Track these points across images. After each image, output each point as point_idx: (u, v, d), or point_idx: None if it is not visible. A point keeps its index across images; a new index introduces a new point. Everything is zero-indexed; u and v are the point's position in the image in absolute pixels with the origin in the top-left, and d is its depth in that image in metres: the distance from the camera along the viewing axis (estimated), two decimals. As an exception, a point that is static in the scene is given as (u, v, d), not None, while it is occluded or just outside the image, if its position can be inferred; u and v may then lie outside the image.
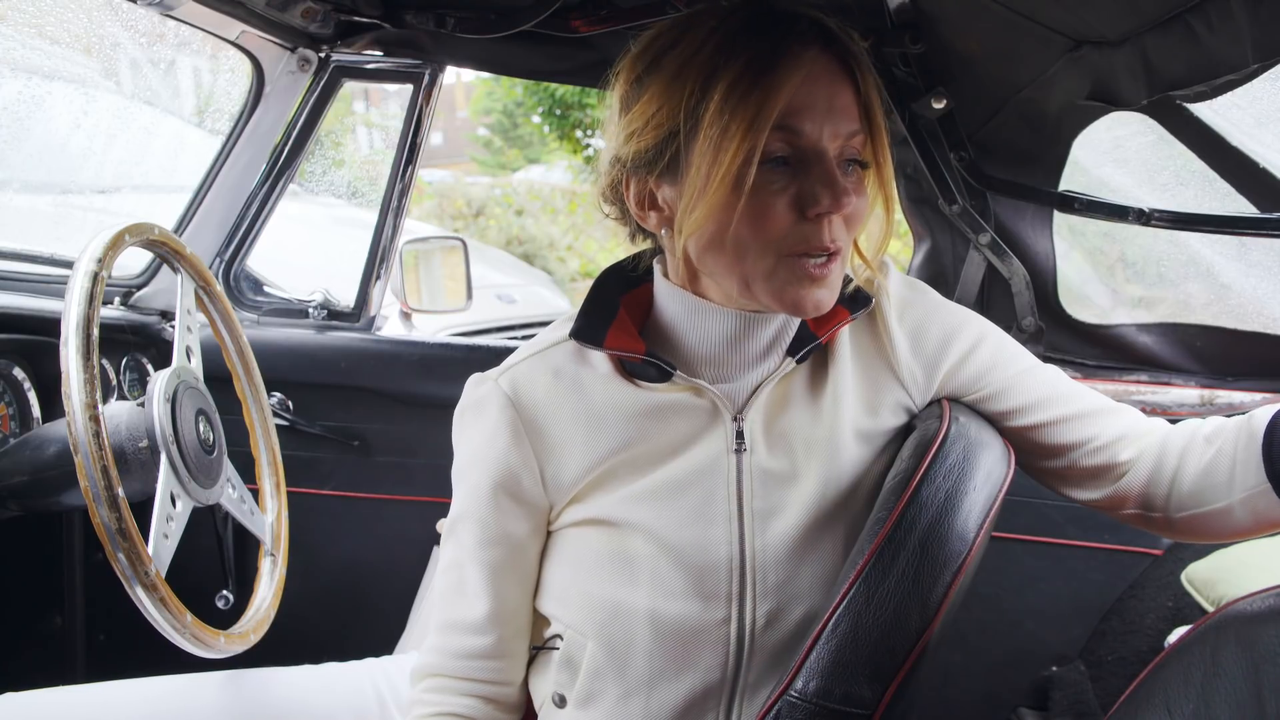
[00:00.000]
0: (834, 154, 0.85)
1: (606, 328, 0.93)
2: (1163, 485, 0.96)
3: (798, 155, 0.84)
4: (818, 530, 0.93)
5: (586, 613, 0.95)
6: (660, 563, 0.91)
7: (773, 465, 0.94)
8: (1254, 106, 1.27)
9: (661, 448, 0.93)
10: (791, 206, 0.84)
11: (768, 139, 0.82)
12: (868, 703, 0.78)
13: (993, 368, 0.99)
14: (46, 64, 2.02)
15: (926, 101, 1.47)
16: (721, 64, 0.83)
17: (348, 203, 2.48)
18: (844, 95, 0.85)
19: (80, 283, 1.05)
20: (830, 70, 0.84)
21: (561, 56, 1.64)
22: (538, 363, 0.96)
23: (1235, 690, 0.63)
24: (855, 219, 0.87)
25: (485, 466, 0.94)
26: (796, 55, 0.83)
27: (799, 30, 0.84)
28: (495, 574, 0.95)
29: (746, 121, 0.81)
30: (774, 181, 0.84)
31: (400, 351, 1.83)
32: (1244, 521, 0.91)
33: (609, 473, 0.93)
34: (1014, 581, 1.62)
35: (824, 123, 0.84)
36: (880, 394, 0.97)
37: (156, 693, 1.10)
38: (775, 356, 0.95)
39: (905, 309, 0.98)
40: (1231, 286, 1.62)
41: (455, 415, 0.98)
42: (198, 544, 1.20)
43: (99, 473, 0.96)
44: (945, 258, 1.64)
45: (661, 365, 0.92)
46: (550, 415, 0.94)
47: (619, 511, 0.93)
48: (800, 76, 0.82)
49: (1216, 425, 0.95)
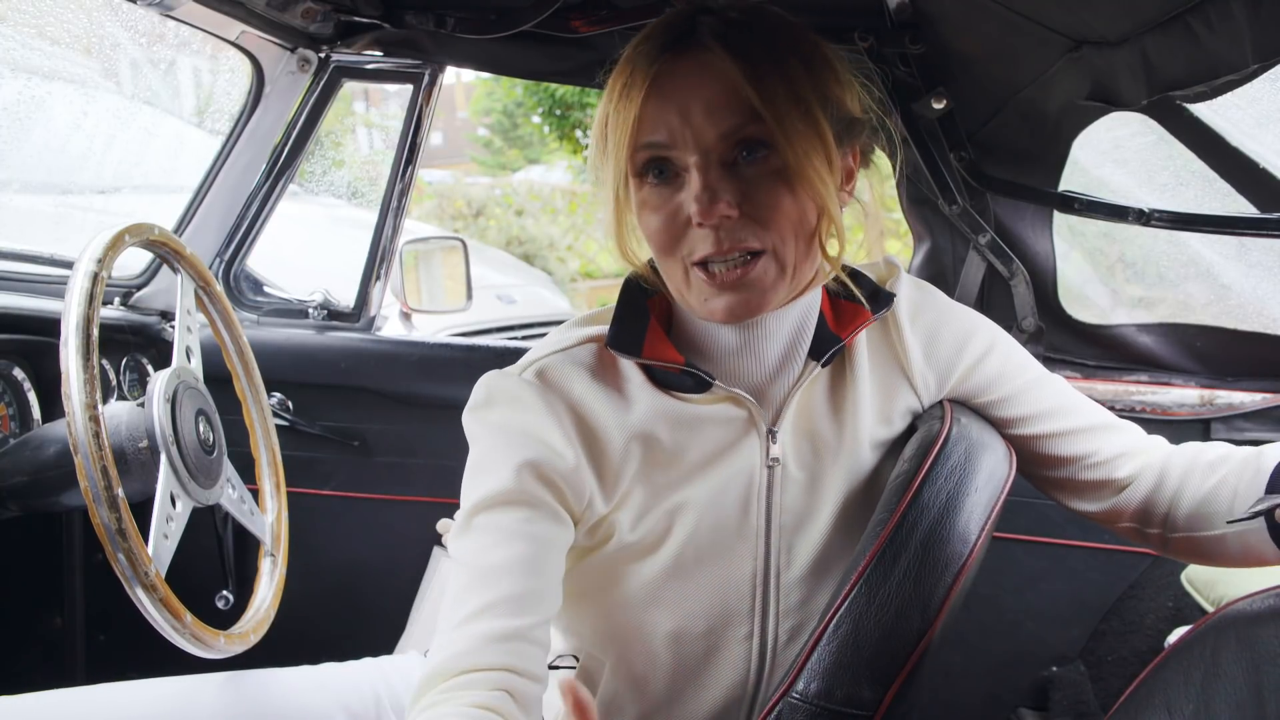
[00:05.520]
0: (720, 154, 0.81)
1: (642, 336, 0.90)
2: (1161, 504, 0.96)
3: (674, 168, 0.83)
4: (839, 542, 0.93)
5: (607, 637, 0.94)
6: (686, 582, 0.90)
7: (800, 477, 0.93)
8: (1254, 106, 1.27)
9: (696, 460, 0.90)
10: (676, 217, 0.83)
11: (639, 158, 0.83)
12: (869, 704, 0.78)
13: (1001, 375, 0.99)
14: (46, 64, 2.02)
15: (926, 102, 1.47)
16: (616, 85, 0.85)
17: (347, 203, 2.48)
18: (712, 91, 0.80)
19: (80, 283, 1.05)
20: (701, 70, 0.81)
21: (561, 56, 1.63)
22: (564, 359, 0.90)
23: (1235, 690, 0.63)
24: (765, 213, 0.82)
25: (525, 449, 0.86)
26: (654, 64, 0.82)
27: (687, 37, 0.82)
28: (537, 551, 0.85)
29: (615, 144, 0.84)
30: (657, 196, 0.84)
31: (400, 352, 1.83)
32: (1234, 552, 0.92)
33: (644, 482, 0.90)
34: (1014, 582, 1.62)
35: (683, 132, 0.81)
36: (894, 401, 0.96)
37: (156, 694, 1.09)
38: (797, 360, 0.92)
39: (918, 312, 0.97)
40: (1231, 286, 1.62)
41: (473, 409, 0.91)
42: (198, 544, 1.20)
43: (99, 473, 0.96)
44: (945, 258, 1.63)
45: (700, 376, 0.89)
46: (591, 411, 0.89)
47: (647, 528, 0.90)
48: (648, 89, 0.82)
49: (1222, 453, 0.95)
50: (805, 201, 0.82)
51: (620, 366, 0.91)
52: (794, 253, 0.83)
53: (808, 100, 0.81)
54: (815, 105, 0.82)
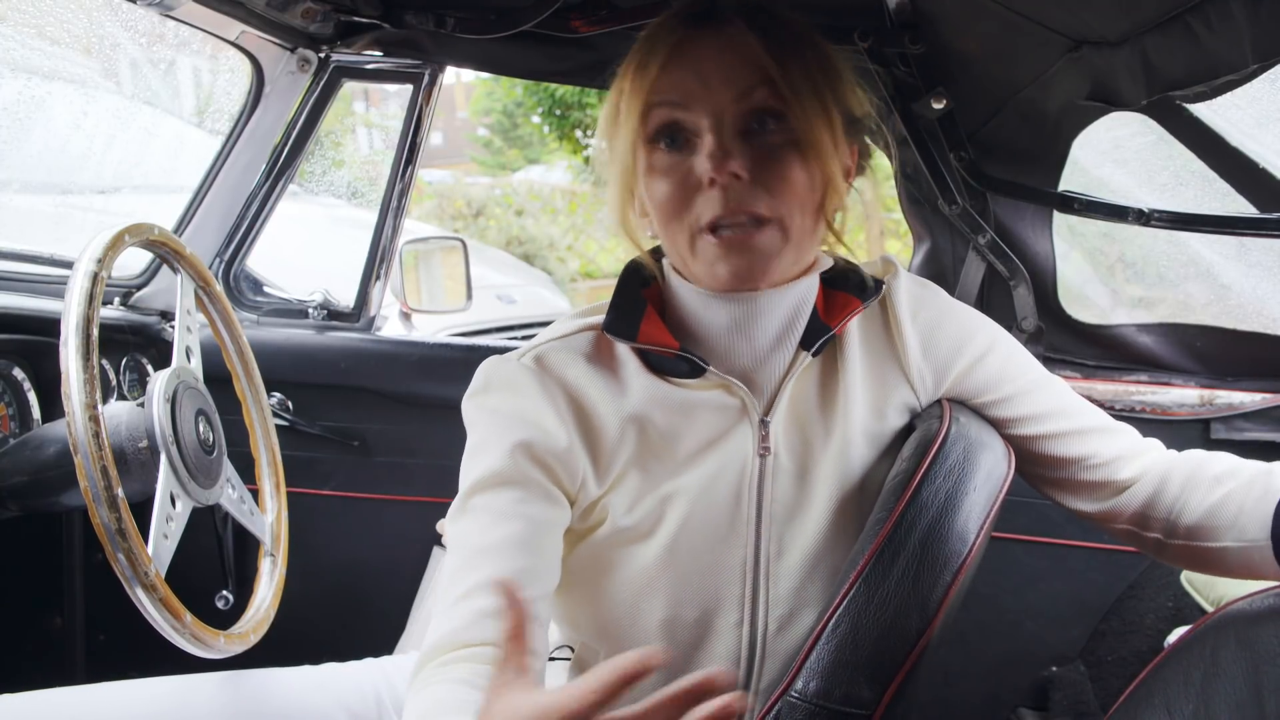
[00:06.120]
0: (732, 120, 0.84)
1: (638, 322, 0.91)
2: (1160, 510, 0.96)
3: (685, 134, 0.85)
4: (829, 533, 0.93)
5: (600, 625, 0.94)
6: (678, 569, 0.91)
7: (791, 467, 0.93)
8: (1254, 106, 1.27)
9: (690, 447, 0.92)
10: (686, 182, 0.85)
11: (653, 119, 0.85)
12: (867, 703, 0.78)
13: (1001, 376, 0.99)
14: (46, 64, 2.02)
15: (926, 102, 1.47)
16: (631, 63, 0.87)
17: (347, 203, 2.48)
18: (732, 58, 0.84)
19: (80, 283, 1.05)
20: (722, 40, 0.84)
21: (561, 56, 1.64)
22: (562, 346, 0.92)
23: (1235, 690, 0.63)
24: (775, 182, 0.84)
25: (519, 430, 0.88)
26: (675, 34, 0.85)
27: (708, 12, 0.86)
28: (532, 531, 0.86)
29: (628, 109, 0.86)
30: (667, 161, 0.86)
31: (400, 352, 1.83)
32: (1234, 565, 0.92)
33: (639, 467, 0.91)
34: (1014, 581, 1.62)
35: (700, 94, 0.84)
36: (888, 395, 0.96)
37: (156, 693, 1.10)
38: (788, 348, 0.93)
39: (918, 308, 0.97)
40: (1231, 286, 1.63)
41: (471, 394, 0.93)
42: (198, 544, 1.20)
43: (99, 473, 0.96)
44: (945, 258, 1.63)
45: (694, 360, 0.90)
46: (587, 396, 0.90)
47: (641, 514, 0.91)
48: (667, 55, 0.84)
49: (1229, 466, 0.95)
50: (814, 172, 0.85)
51: (616, 352, 0.93)
52: (799, 223, 0.86)
53: (819, 81, 0.85)
54: (826, 88, 0.86)
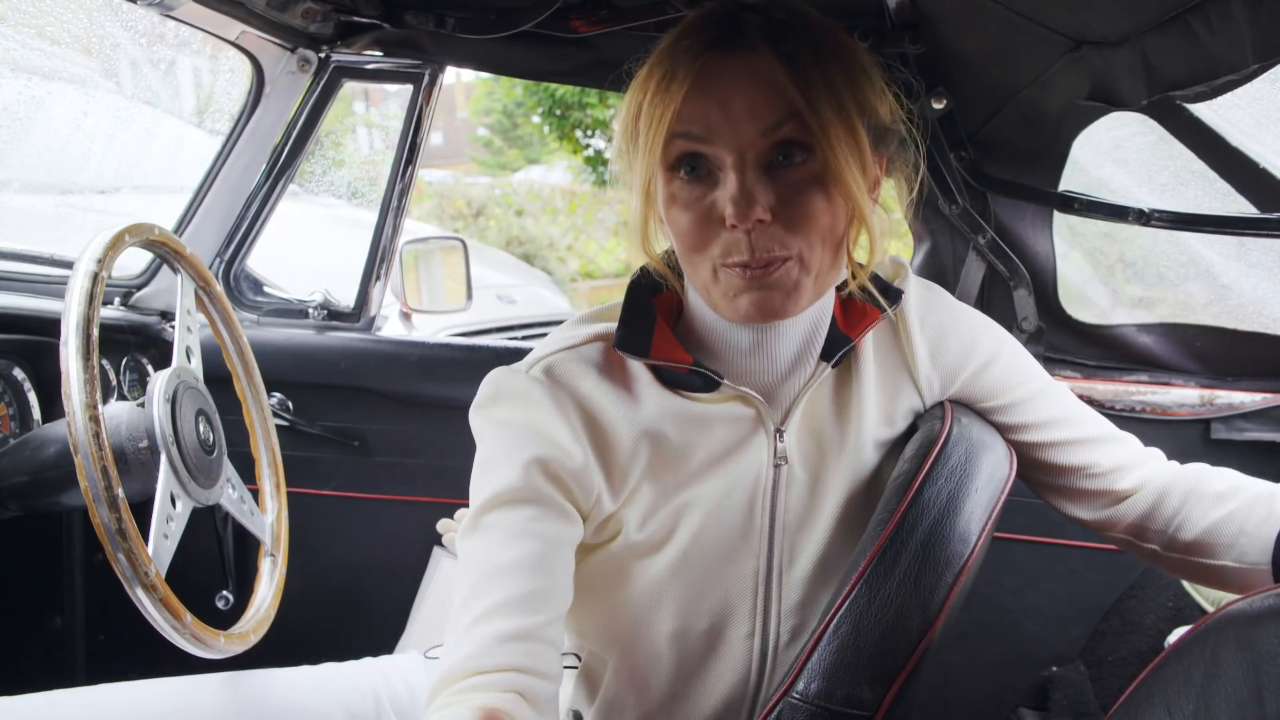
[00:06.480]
0: (756, 155, 0.80)
1: (649, 336, 0.89)
2: (1158, 524, 0.97)
3: (708, 166, 0.82)
4: (840, 542, 0.93)
5: (610, 635, 0.94)
6: (690, 580, 0.90)
7: (804, 476, 0.93)
8: (1254, 106, 1.27)
9: (704, 459, 0.90)
10: (709, 217, 0.82)
11: (674, 149, 0.81)
12: (869, 704, 0.78)
13: (1005, 383, 0.99)
14: (46, 64, 2.02)
15: (926, 102, 1.47)
16: (652, 78, 0.83)
17: (348, 203, 2.48)
18: (756, 91, 0.80)
19: (80, 283, 1.05)
20: (746, 70, 0.80)
21: (561, 56, 1.63)
22: (572, 357, 0.89)
23: (1235, 690, 0.63)
24: (797, 221, 0.81)
25: (533, 446, 0.85)
26: (698, 58, 0.80)
27: (733, 34, 0.81)
28: (546, 550, 0.83)
29: (648, 137, 0.82)
30: (688, 193, 0.82)
31: (400, 352, 1.83)
32: (1230, 582, 0.93)
33: (652, 480, 0.90)
34: (1014, 582, 1.62)
35: (723, 127, 0.80)
36: (898, 403, 0.96)
37: (156, 694, 1.10)
38: (809, 362, 0.92)
39: (927, 314, 0.97)
40: (1231, 286, 1.62)
41: (479, 405, 0.90)
42: (198, 544, 1.20)
43: (99, 473, 0.96)
44: (945, 258, 1.63)
45: (709, 375, 0.88)
46: (600, 410, 0.88)
47: (654, 527, 0.90)
48: (691, 81, 0.80)
49: (1232, 484, 0.95)
50: (839, 206, 0.82)
51: (628, 365, 0.91)
52: (819, 259, 0.83)
53: (848, 106, 0.81)
54: (854, 112, 0.82)
